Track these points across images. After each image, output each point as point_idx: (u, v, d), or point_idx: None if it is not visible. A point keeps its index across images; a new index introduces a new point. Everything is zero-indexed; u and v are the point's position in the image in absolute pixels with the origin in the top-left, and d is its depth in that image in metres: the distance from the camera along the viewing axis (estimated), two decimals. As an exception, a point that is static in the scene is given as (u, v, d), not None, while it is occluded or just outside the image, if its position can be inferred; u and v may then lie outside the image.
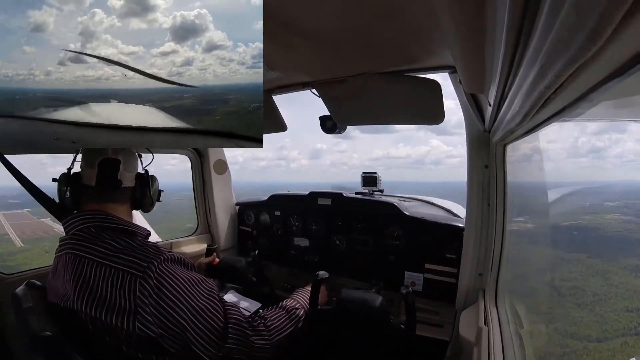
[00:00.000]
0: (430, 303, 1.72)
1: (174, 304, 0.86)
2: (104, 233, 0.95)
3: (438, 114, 1.36)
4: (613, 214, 1.42)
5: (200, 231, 2.42)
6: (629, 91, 0.45)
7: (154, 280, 0.86)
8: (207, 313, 0.91)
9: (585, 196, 1.44)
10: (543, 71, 0.42)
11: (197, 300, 0.90)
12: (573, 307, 1.46)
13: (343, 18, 0.91)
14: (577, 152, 1.01)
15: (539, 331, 1.30)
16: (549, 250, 1.25)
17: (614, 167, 4.02)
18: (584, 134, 1.10)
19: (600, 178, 1.93)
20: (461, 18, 0.61)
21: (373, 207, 1.95)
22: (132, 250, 0.90)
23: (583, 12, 0.27)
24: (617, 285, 1.45)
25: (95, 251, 0.91)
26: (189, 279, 0.91)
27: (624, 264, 1.42)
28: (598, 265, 1.52)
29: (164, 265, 0.89)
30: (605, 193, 1.44)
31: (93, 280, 0.88)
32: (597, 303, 1.50)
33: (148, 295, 0.85)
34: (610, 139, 7.77)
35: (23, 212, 23.35)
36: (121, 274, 0.86)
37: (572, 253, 1.50)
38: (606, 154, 12.56)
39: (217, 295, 0.97)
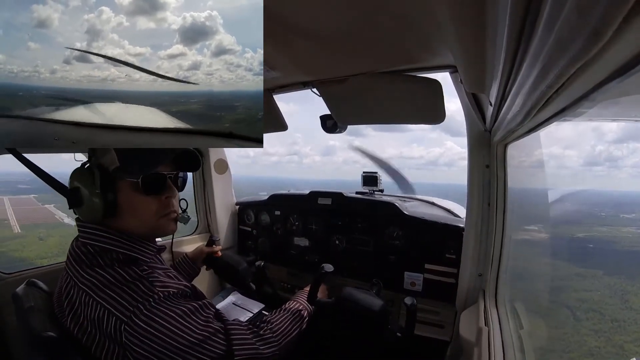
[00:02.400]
0: (430, 303, 1.71)
1: (167, 344, 0.81)
2: (101, 258, 0.89)
3: (439, 113, 1.36)
4: (630, 227, 1.35)
5: (200, 230, 2.42)
6: (630, 91, 0.45)
7: (143, 323, 0.80)
8: (207, 342, 0.86)
9: (601, 207, 1.38)
10: (544, 71, 0.42)
11: (194, 332, 0.84)
12: (590, 334, 1.38)
13: (343, 17, 0.91)
14: (595, 160, 0.96)
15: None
16: (561, 264, 1.19)
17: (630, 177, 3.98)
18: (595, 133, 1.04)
19: (615, 188, 1.80)
20: (462, 17, 0.61)
21: (373, 207, 1.95)
22: (122, 286, 0.83)
23: (585, 12, 0.27)
24: (638, 310, 1.36)
25: (85, 280, 0.86)
26: (183, 312, 0.85)
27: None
28: (616, 285, 1.43)
29: (154, 305, 0.82)
30: (621, 204, 1.37)
31: (82, 312, 0.85)
32: (616, 331, 1.39)
33: (136, 339, 0.80)
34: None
35: (29, 198, 23.22)
36: (107, 314, 0.81)
37: (587, 269, 1.42)
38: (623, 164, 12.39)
39: (214, 318, 0.91)
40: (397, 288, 1.78)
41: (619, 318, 1.32)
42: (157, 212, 0.98)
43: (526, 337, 1.09)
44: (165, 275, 0.93)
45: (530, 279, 1.37)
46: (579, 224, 1.39)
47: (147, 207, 0.96)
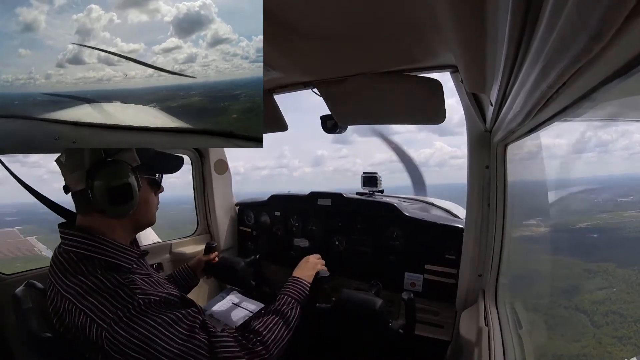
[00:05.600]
0: (430, 303, 1.71)
1: (147, 353, 0.80)
2: (83, 265, 0.88)
3: (439, 113, 1.36)
4: (631, 211, 1.24)
5: (200, 231, 2.42)
6: (630, 91, 0.45)
7: (122, 330, 0.79)
8: (189, 354, 0.83)
9: (598, 192, 1.25)
10: (545, 71, 0.42)
11: (175, 342, 0.82)
12: (613, 343, 1.19)
13: (343, 17, 0.91)
14: (583, 147, 0.92)
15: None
16: (567, 261, 1.06)
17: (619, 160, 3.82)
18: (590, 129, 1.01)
19: (604, 173, 1.58)
20: (463, 17, 0.61)
21: (373, 208, 1.95)
22: (103, 293, 0.83)
23: (585, 13, 0.27)
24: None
25: (68, 287, 0.85)
26: (166, 320, 0.83)
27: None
28: (632, 278, 1.26)
29: (133, 313, 0.81)
30: (615, 187, 1.26)
31: (67, 319, 0.84)
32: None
33: (115, 347, 0.79)
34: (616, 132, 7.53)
35: (13, 230, 23.16)
36: (89, 321, 0.81)
37: (597, 262, 1.26)
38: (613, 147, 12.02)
39: (200, 329, 0.87)
40: (397, 288, 1.78)
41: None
42: (156, 206, 1.09)
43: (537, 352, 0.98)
44: (149, 282, 0.92)
45: (535, 283, 1.31)
46: (579, 213, 1.34)
47: (153, 202, 1.06)
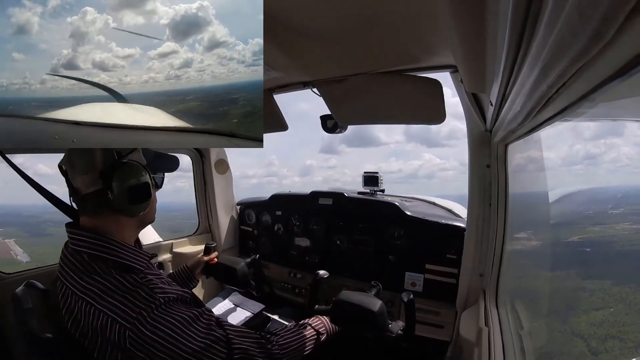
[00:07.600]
0: (430, 303, 1.71)
1: (170, 351, 0.82)
2: (97, 265, 0.88)
3: (439, 113, 1.36)
4: (623, 224, 1.21)
5: (201, 231, 2.42)
6: (631, 91, 0.45)
7: (147, 330, 0.81)
8: (209, 350, 0.86)
9: (587, 205, 1.21)
10: (545, 71, 0.42)
11: (195, 339, 0.85)
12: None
13: (344, 17, 0.91)
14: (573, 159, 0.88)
15: None
16: (562, 278, 1.04)
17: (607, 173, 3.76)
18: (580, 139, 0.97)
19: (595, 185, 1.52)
20: (462, 17, 0.61)
21: (374, 207, 1.95)
22: (123, 293, 0.83)
23: (586, 13, 0.27)
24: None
25: (84, 288, 0.85)
26: (185, 319, 0.86)
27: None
28: (629, 296, 1.19)
29: (156, 313, 0.82)
30: (605, 200, 1.23)
31: (83, 320, 0.84)
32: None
33: (140, 346, 0.80)
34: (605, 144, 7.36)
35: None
36: (110, 321, 0.81)
37: (592, 280, 1.21)
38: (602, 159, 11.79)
39: (216, 326, 0.91)
40: (398, 288, 1.78)
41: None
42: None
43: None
44: (162, 282, 0.93)
45: (535, 283, 1.32)
46: (572, 225, 1.26)
47: (155, 200, 1.08)
